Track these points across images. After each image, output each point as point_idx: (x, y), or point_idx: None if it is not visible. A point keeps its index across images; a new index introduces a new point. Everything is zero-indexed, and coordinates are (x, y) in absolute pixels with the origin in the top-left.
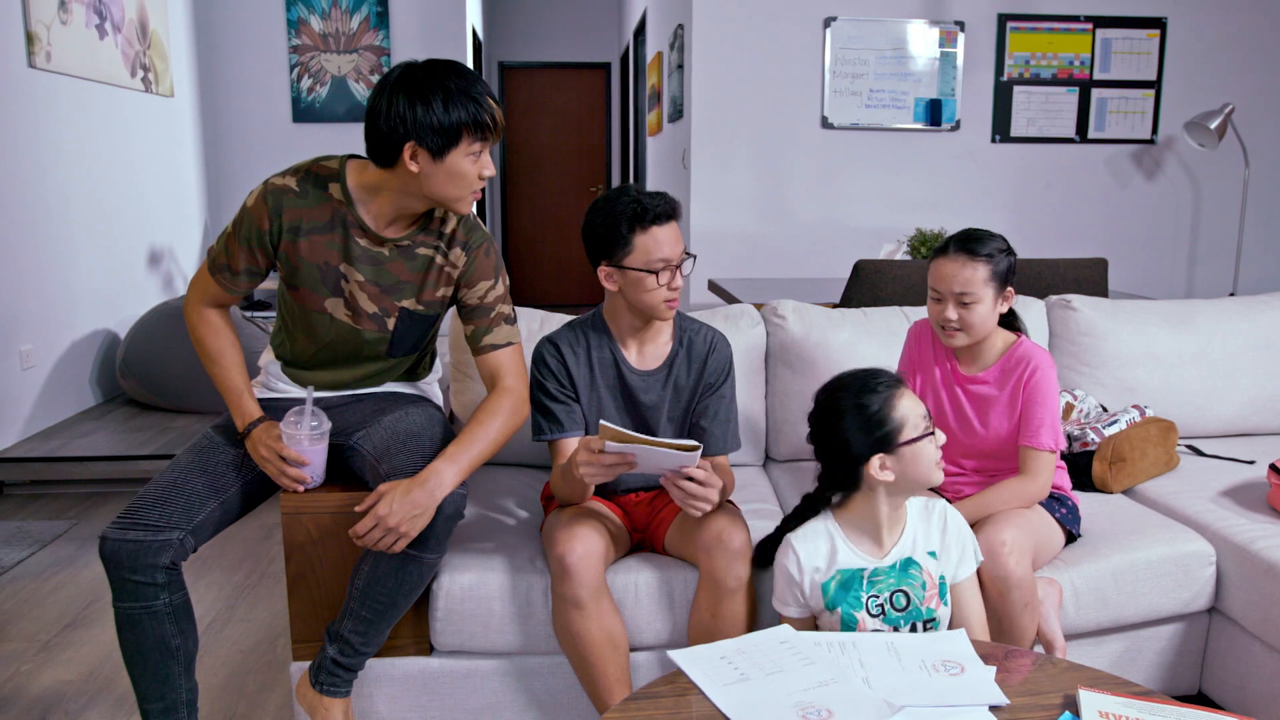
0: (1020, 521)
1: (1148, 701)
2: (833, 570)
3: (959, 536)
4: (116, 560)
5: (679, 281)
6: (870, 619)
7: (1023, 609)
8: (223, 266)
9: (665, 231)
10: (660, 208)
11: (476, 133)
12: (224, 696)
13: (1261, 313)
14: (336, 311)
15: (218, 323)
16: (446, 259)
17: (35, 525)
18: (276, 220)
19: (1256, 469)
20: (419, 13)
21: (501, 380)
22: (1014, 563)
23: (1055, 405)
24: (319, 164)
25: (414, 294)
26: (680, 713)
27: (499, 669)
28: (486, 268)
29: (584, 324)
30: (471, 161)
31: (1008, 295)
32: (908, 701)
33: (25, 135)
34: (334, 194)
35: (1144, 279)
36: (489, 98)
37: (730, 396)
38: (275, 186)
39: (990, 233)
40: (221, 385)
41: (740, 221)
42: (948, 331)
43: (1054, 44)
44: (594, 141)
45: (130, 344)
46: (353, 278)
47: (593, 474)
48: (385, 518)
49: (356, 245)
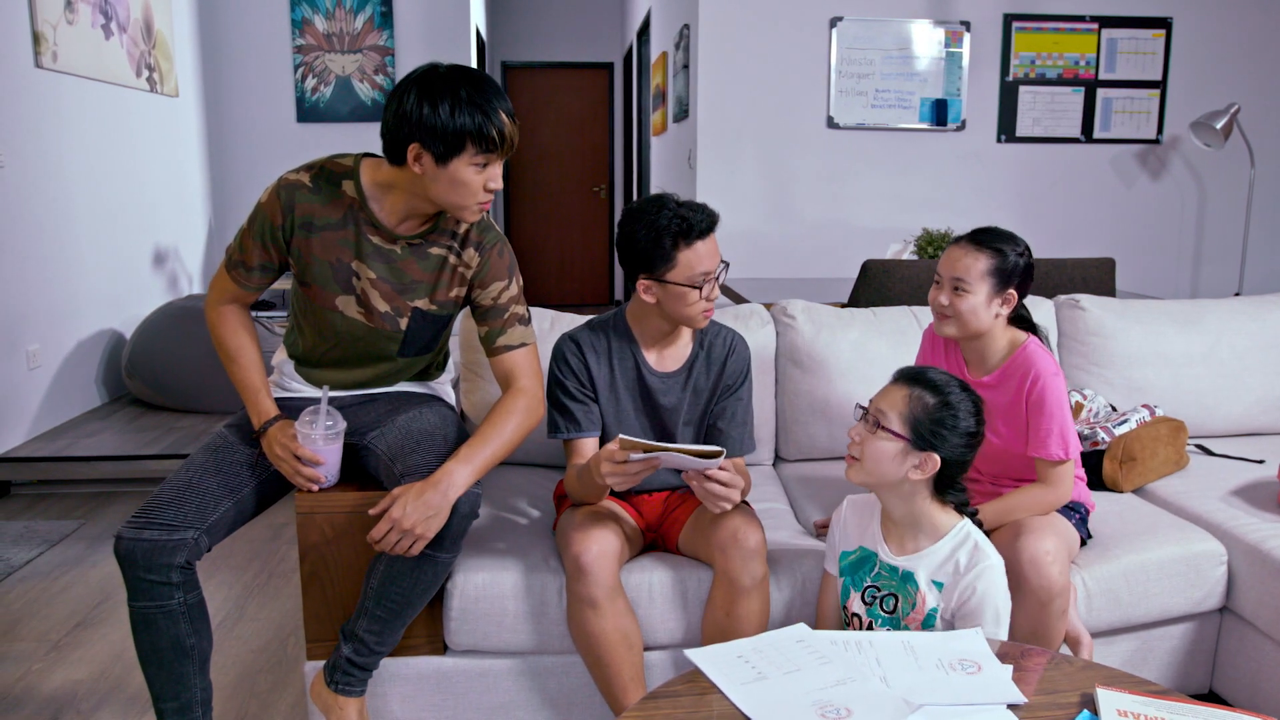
0: (1060, 529)
1: (1165, 700)
2: (859, 545)
3: (981, 594)
4: (131, 560)
5: (717, 291)
6: (862, 605)
7: (1059, 615)
8: (238, 262)
9: (707, 245)
10: (704, 223)
11: (480, 144)
12: (236, 696)
13: (1270, 312)
14: (348, 309)
15: (236, 321)
16: (460, 259)
17: (43, 525)
18: (289, 215)
19: (1266, 468)
20: (423, 13)
21: (516, 381)
22: (1057, 572)
23: (1062, 413)
24: (334, 161)
25: (427, 294)
26: (699, 712)
27: (513, 668)
28: (500, 268)
29: (605, 324)
30: (475, 172)
31: (1008, 298)
32: (926, 700)
33: (31, 135)
34: (347, 191)
35: (1149, 279)
36: (502, 112)
37: (747, 399)
38: (289, 182)
39: (1009, 233)
40: (239, 383)
41: (746, 221)
42: (939, 317)
43: (1059, 44)
44: (597, 141)
45: (136, 344)
46: (364, 275)
47: (619, 481)
48: (400, 520)
49: (369, 243)
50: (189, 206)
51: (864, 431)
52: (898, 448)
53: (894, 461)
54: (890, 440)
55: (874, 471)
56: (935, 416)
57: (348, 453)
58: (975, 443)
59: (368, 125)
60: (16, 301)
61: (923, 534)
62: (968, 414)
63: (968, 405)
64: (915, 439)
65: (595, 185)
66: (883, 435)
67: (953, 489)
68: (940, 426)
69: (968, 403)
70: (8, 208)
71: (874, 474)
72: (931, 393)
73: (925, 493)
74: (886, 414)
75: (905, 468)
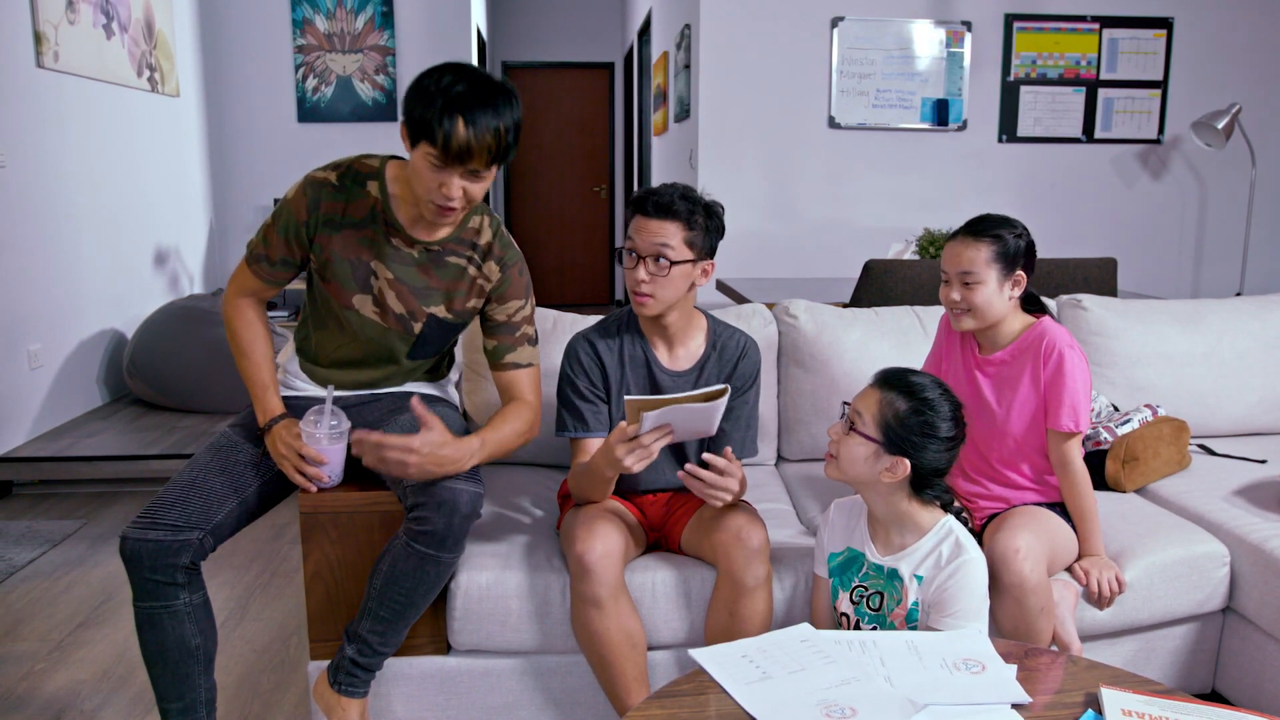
0: (1034, 526)
1: (1170, 700)
2: (846, 546)
3: (956, 587)
4: (137, 560)
5: (642, 275)
6: (850, 604)
7: (1039, 613)
8: (261, 256)
9: (643, 222)
10: (646, 198)
11: (433, 141)
12: (239, 695)
13: (1272, 312)
14: (364, 309)
15: (252, 316)
16: (480, 271)
17: (45, 525)
18: (314, 213)
19: (1268, 468)
20: (424, 12)
21: (521, 396)
22: (1029, 568)
23: (1074, 385)
24: (361, 161)
25: (444, 301)
26: (703, 711)
27: (516, 668)
28: (520, 287)
29: (618, 321)
30: (430, 169)
31: (1018, 279)
32: (930, 700)
33: (32, 135)
34: (372, 191)
35: (1150, 279)
36: (470, 125)
37: (754, 403)
38: (316, 180)
39: (1002, 217)
40: (248, 378)
41: (747, 221)
42: (955, 314)
43: (1061, 44)
44: (598, 141)
45: (137, 344)
46: (382, 275)
47: (637, 459)
48: (417, 449)
49: (389, 245)
50: (190, 206)
51: (840, 431)
52: (870, 450)
53: (866, 463)
54: (863, 443)
55: (848, 471)
56: (907, 423)
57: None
58: (951, 447)
59: (369, 125)
60: (18, 301)
61: (907, 531)
62: (943, 419)
63: (944, 410)
64: (886, 443)
65: (596, 185)
66: (856, 437)
67: (930, 489)
68: (911, 433)
69: (944, 406)
70: (9, 208)
71: (848, 473)
72: (905, 398)
73: (903, 493)
74: (862, 415)
75: (878, 469)
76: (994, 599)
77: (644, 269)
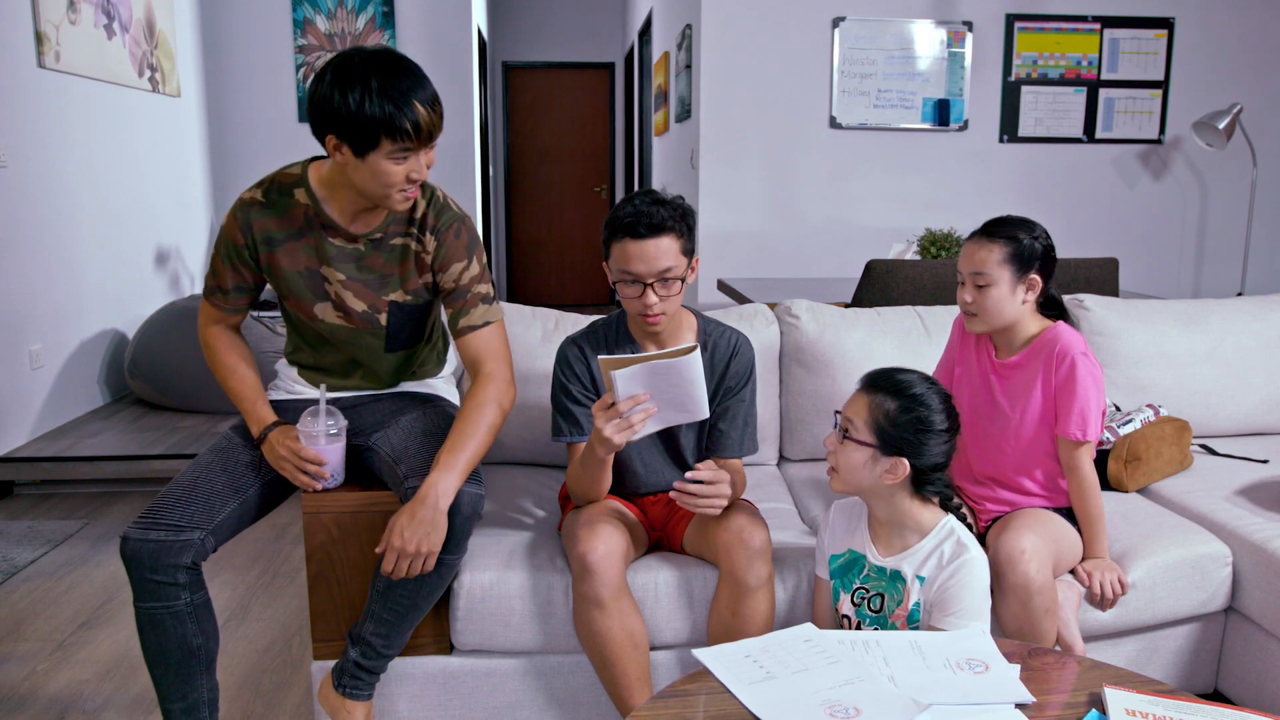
0: (1039, 528)
1: (1174, 699)
2: (847, 548)
3: (958, 586)
4: (138, 560)
5: (651, 299)
6: (851, 606)
7: (1044, 614)
8: (214, 288)
9: (638, 246)
10: (634, 220)
11: (395, 136)
12: (241, 695)
13: (1273, 312)
14: (326, 315)
15: (226, 342)
16: (421, 244)
17: (46, 525)
18: (249, 234)
19: (1270, 468)
20: (424, 12)
21: (483, 366)
22: (1034, 569)
23: (1086, 394)
24: (283, 173)
25: (399, 285)
26: (707, 711)
27: (519, 668)
28: (457, 249)
29: (607, 325)
30: (395, 164)
31: (1032, 283)
32: (934, 699)
33: (34, 135)
34: (300, 199)
35: (1151, 278)
36: (418, 102)
37: (750, 400)
38: (244, 201)
39: (1022, 219)
40: (236, 395)
41: (749, 221)
42: (968, 316)
43: (1062, 44)
44: (598, 141)
45: (138, 344)
46: (334, 278)
47: (616, 428)
48: (403, 546)
49: (331, 246)
50: (191, 206)
51: (835, 441)
52: (866, 455)
53: (865, 469)
54: (858, 449)
55: (850, 480)
56: (899, 421)
57: (352, 453)
58: (948, 439)
59: None
60: (19, 301)
61: (908, 532)
62: (934, 411)
63: (934, 402)
64: (881, 445)
65: (596, 185)
66: (850, 444)
67: (930, 485)
68: (905, 431)
69: (934, 399)
70: (10, 208)
71: (850, 483)
72: (893, 397)
73: (905, 492)
74: (853, 422)
75: (877, 472)
76: (999, 599)
77: (652, 294)
